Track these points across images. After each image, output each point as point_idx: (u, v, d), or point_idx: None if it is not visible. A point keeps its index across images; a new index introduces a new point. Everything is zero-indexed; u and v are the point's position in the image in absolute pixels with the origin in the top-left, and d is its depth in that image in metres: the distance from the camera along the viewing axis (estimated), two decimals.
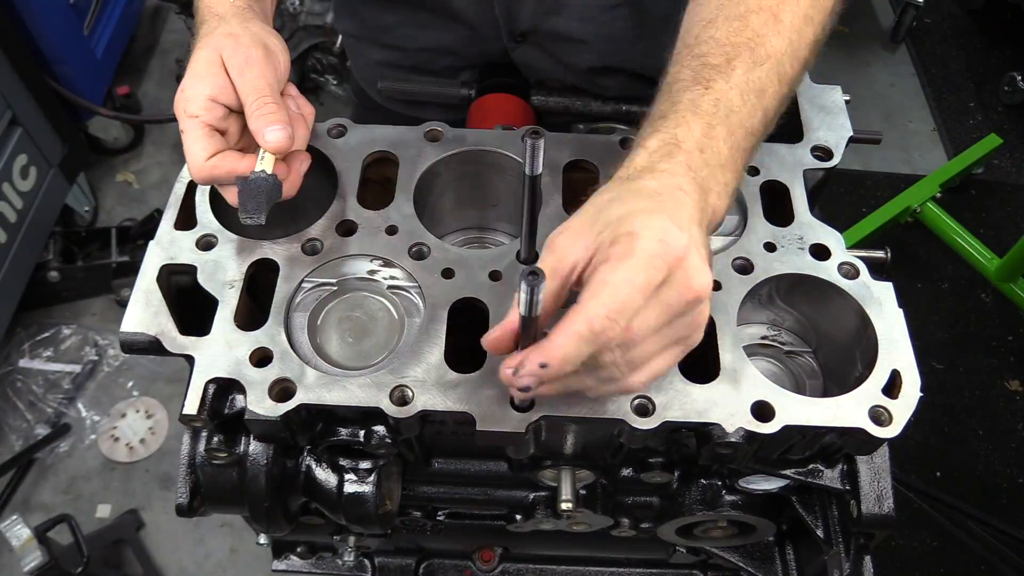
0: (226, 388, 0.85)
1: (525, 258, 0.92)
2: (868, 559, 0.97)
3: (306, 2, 3.18)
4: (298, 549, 1.33)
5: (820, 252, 0.94)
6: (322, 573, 1.35)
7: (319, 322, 0.93)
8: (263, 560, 1.41)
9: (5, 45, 2.42)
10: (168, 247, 0.92)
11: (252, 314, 0.90)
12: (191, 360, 0.85)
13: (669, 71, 0.87)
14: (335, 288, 0.94)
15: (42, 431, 2.61)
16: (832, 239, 0.95)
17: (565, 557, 1.35)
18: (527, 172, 0.79)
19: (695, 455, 0.86)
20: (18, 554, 2.14)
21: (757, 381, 0.84)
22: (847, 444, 0.88)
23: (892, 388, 0.84)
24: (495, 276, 0.91)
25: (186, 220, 0.95)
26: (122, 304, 2.76)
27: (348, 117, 1.07)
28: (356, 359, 0.91)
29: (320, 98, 3.56)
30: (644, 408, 0.82)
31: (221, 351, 0.85)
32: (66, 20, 2.77)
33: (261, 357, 0.85)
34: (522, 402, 0.81)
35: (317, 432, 0.89)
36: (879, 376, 0.84)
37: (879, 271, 0.93)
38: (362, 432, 0.88)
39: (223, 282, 0.90)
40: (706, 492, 1.01)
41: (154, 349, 0.87)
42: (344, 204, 0.97)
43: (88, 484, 2.57)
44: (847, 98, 1.09)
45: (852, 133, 1.05)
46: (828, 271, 0.92)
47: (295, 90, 0.97)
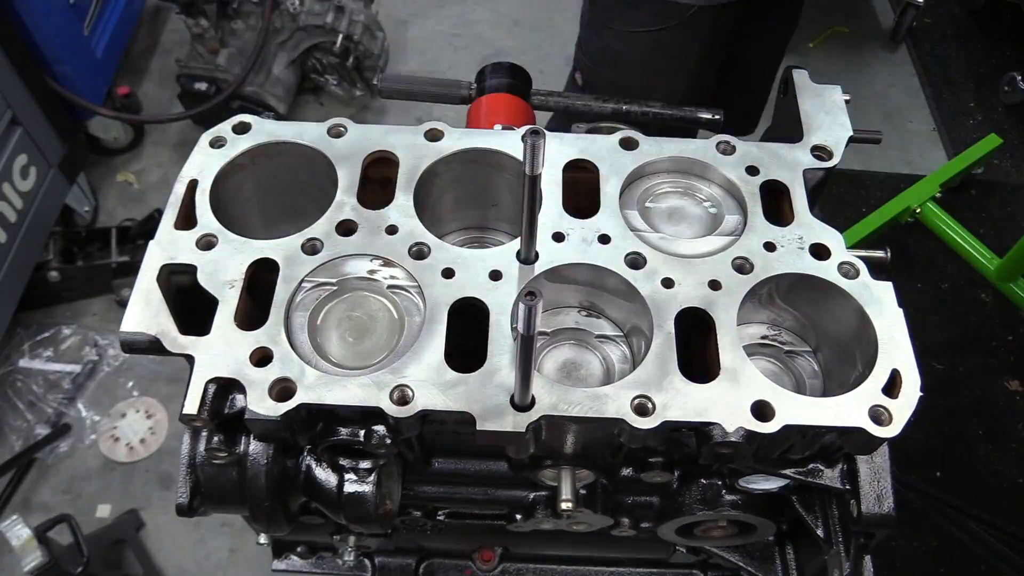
0: (226, 388, 0.85)
1: (525, 258, 0.92)
2: (868, 559, 0.97)
3: (306, 2, 3.18)
4: (298, 549, 1.33)
5: (820, 252, 0.94)
6: (322, 573, 1.35)
7: (319, 322, 0.93)
8: (263, 560, 1.40)
9: (5, 45, 2.42)
10: (168, 247, 0.92)
11: (252, 314, 0.90)
12: (191, 360, 0.85)
13: None
14: (335, 288, 0.94)
15: (42, 431, 2.61)
16: (832, 239, 0.95)
17: (565, 557, 1.35)
18: (527, 172, 0.79)
19: (695, 455, 0.86)
20: (18, 554, 2.13)
21: (757, 381, 0.84)
22: (847, 444, 0.88)
23: (892, 388, 0.84)
24: (495, 276, 0.91)
25: (186, 220, 0.95)
26: (122, 304, 2.76)
27: (348, 117, 1.07)
28: (356, 359, 0.91)
29: (320, 98, 3.57)
30: (644, 408, 0.82)
31: (221, 351, 0.85)
32: (66, 20, 2.77)
33: (261, 357, 0.85)
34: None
35: (317, 432, 0.89)
36: (879, 376, 0.84)
37: (879, 271, 0.93)
38: (362, 432, 0.88)
39: (223, 282, 0.90)
40: (706, 492, 1.01)
41: (154, 349, 0.87)
42: (344, 204, 0.97)
43: (88, 484, 2.57)
44: (847, 98, 1.09)
45: (852, 133, 1.05)
46: (828, 271, 0.92)
47: None
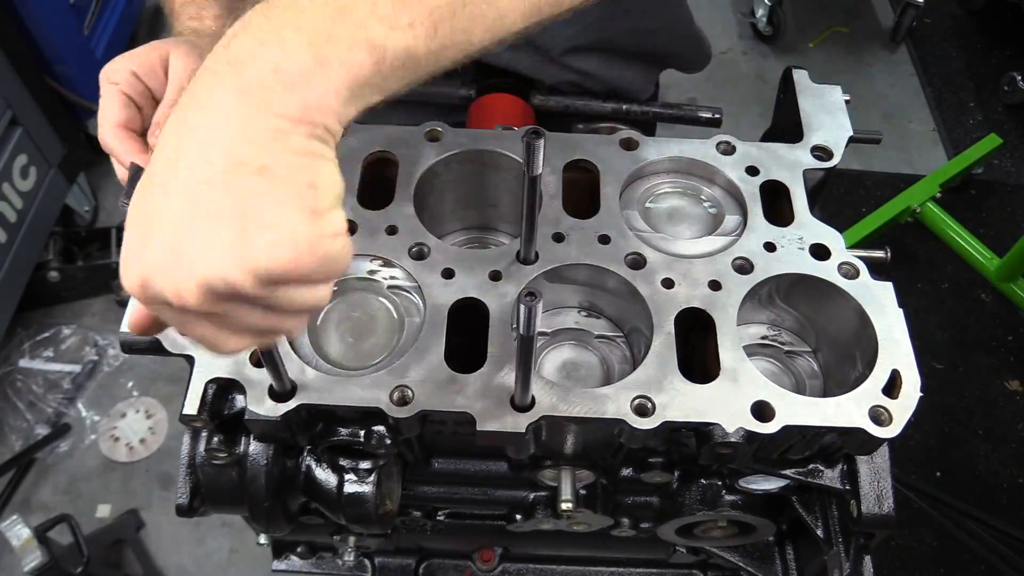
0: (226, 388, 0.86)
1: (525, 258, 0.92)
2: (868, 559, 0.97)
3: None
4: (298, 549, 1.33)
5: (820, 252, 0.94)
6: (322, 573, 1.35)
7: (319, 322, 0.93)
8: (263, 560, 1.40)
9: (5, 45, 2.42)
10: None
11: None
12: (191, 360, 0.85)
13: None
14: (335, 288, 0.94)
15: (42, 431, 2.61)
16: (832, 239, 0.95)
17: (565, 557, 1.35)
18: (527, 172, 0.79)
19: (695, 455, 0.86)
20: (18, 554, 2.13)
21: (757, 381, 0.84)
22: (847, 444, 0.88)
23: (892, 388, 0.84)
24: (495, 276, 0.91)
25: None
26: (122, 304, 2.75)
27: None
28: (356, 359, 0.91)
29: None
30: (644, 408, 0.82)
31: None
32: (66, 20, 2.77)
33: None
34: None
35: (317, 432, 0.89)
36: (879, 376, 0.84)
37: (879, 271, 0.93)
38: (362, 432, 0.88)
39: None
40: (706, 492, 1.01)
41: (154, 349, 0.87)
42: (344, 204, 0.96)
43: (88, 484, 2.57)
44: (847, 98, 1.09)
45: (852, 133, 1.05)
46: (828, 271, 0.92)
47: None
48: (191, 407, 0.83)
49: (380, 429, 0.87)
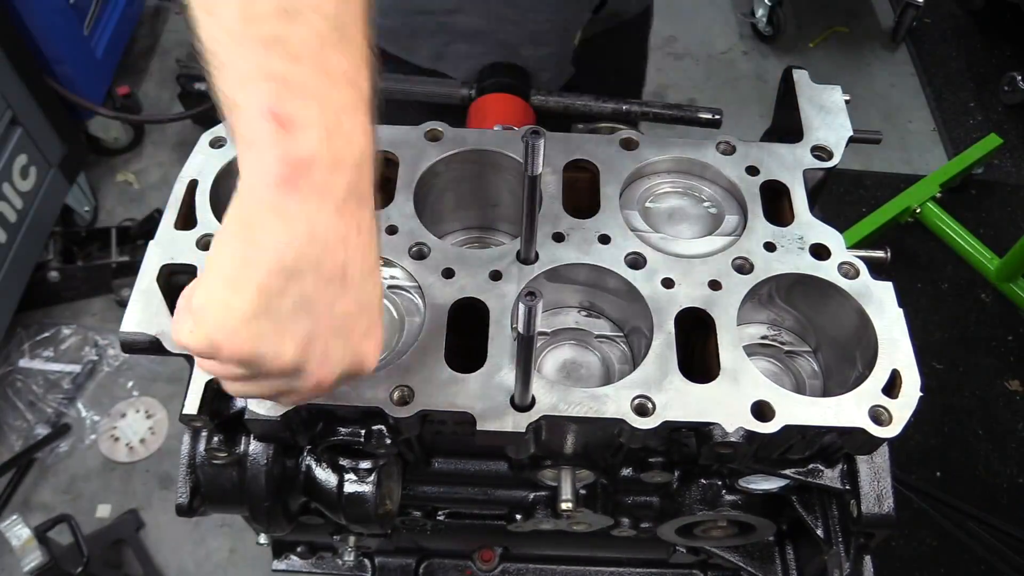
0: None
1: (525, 258, 0.92)
2: (868, 559, 0.97)
3: None
4: (298, 549, 1.33)
5: (820, 252, 0.94)
6: (322, 573, 1.35)
7: None
8: (263, 560, 1.40)
9: (5, 45, 2.42)
10: (168, 247, 0.92)
11: None
12: (191, 360, 0.85)
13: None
14: None
15: (42, 431, 2.61)
16: (832, 239, 0.95)
17: (565, 557, 1.35)
18: (527, 172, 0.79)
19: (695, 455, 0.86)
20: (18, 554, 2.14)
21: (757, 381, 0.84)
22: (847, 444, 0.88)
23: (892, 388, 0.84)
24: (495, 276, 0.91)
25: (186, 220, 0.95)
26: (122, 304, 2.76)
27: None
28: None
29: None
30: (644, 408, 0.82)
31: None
32: (66, 20, 2.77)
33: None
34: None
35: (317, 432, 0.89)
36: (879, 376, 0.84)
37: (879, 271, 0.93)
38: (362, 432, 0.88)
39: None
40: (706, 492, 1.01)
41: (154, 349, 0.87)
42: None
43: (88, 484, 2.57)
44: (847, 98, 1.09)
45: (852, 133, 1.05)
46: (828, 271, 0.92)
47: None
48: (191, 407, 0.83)
49: (380, 429, 0.87)
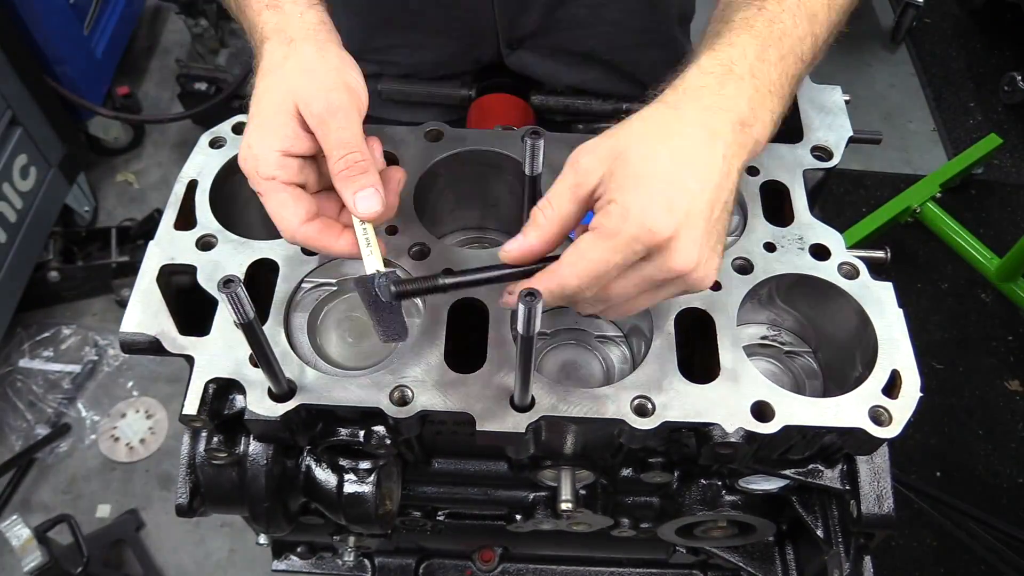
0: (226, 388, 0.85)
1: None
2: (868, 559, 0.97)
3: None
4: (298, 549, 1.33)
5: (820, 252, 0.94)
6: (322, 573, 1.35)
7: (319, 322, 0.93)
8: (263, 560, 1.40)
9: (5, 45, 2.42)
10: (168, 247, 0.92)
11: None
12: (191, 360, 0.85)
13: None
14: (335, 288, 0.94)
15: (42, 431, 2.61)
16: (832, 239, 0.95)
17: (565, 557, 1.35)
18: (527, 172, 0.79)
19: (695, 455, 0.86)
20: (18, 554, 2.14)
21: (757, 381, 0.84)
22: (847, 444, 0.88)
23: (892, 388, 0.84)
24: None
25: (186, 220, 0.95)
26: (122, 304, 2.76)
27: None
28: (356, 359, 0.91)
29: None
30: (644, 408, 0.82)
31: (221, 351, 0.85)
32: (66, 20, 2.77)
33: None
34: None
35: (317, 432, 0.89)
36: (879, 376, 0.84)
37: (879, 271, 0.93)
38: (362, 432, 0.88)
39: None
40: (706, 492, 1.01)
41: (154, 349, 0.87)
42: None
43: (88, 484, 2.57)
44: (847, 98, 1.09)
45: (852, 133, 1.05)
46: (828, 271, 0.92)
47: (378, 145, 0.83)
48: (191, 407, 0.83)
49: (380, 429, 0.87)
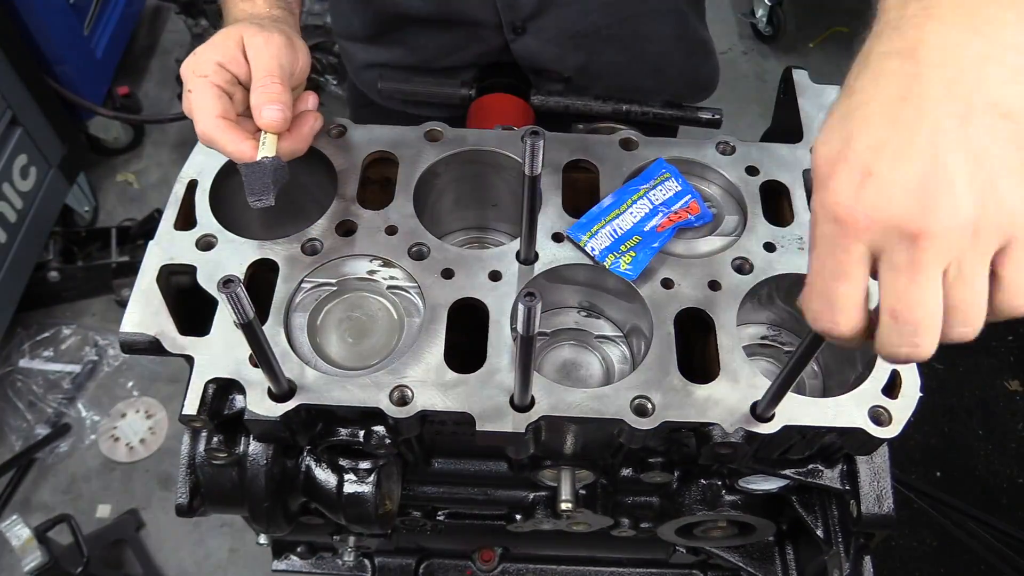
0: (226, 388, 0.85)
1: (525, 258, 0.92)
2: (868, 559, 0.97)
3: (306, 2, 3.19)
4: (298, 549, 1.33)
5: None
6: (322, 573, 1.35)
7: (319, 322, 0.93)
8: (263, 560, 1.40)
9: (5, 45, 2.42)
10: (168, 247, 0.92)
11: None
12: (191, 360, 0.85)
13: None
14: (335, 288, 0.94)
15: (42, 431, 2.61)
16: None
17: (565, 557, 1.35)
18: (527, 172, 0.79)
19: (695, 455, 0.86)
20: (18, 554, 2.13)
21: (757, 381, 0.84)
22: (847, 444, 0.88)
23: (892, 388, 0.84)
24: (495, 276, 0.91)
25: (186, 220, 0.95)
26: (122, 304, 2.76)
27: (348, 117, 1.07)
28: (356, 359, 0.91)
29: (320, 98, 3.57)
30: (644, 408, 0.82)
31: (221, 351, 0.85)
32: (66, 20, 2.77)
33: None
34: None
35: (317, 432, 0.89)
36: (879, 376, 0.84)
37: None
38: (362, 432, 0.88)
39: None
40: (706, 492, 1.01)
41: (154, 349, 0.87)
42: (344, 204, 0.97)
43: (88, 484, 2.57)
44: None
45: None
46: None
47: (313, 99, 0.97)
48: (191, 407, 0.83)
49: (380, 429, 0.87)
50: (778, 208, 1.00)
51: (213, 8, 3.08)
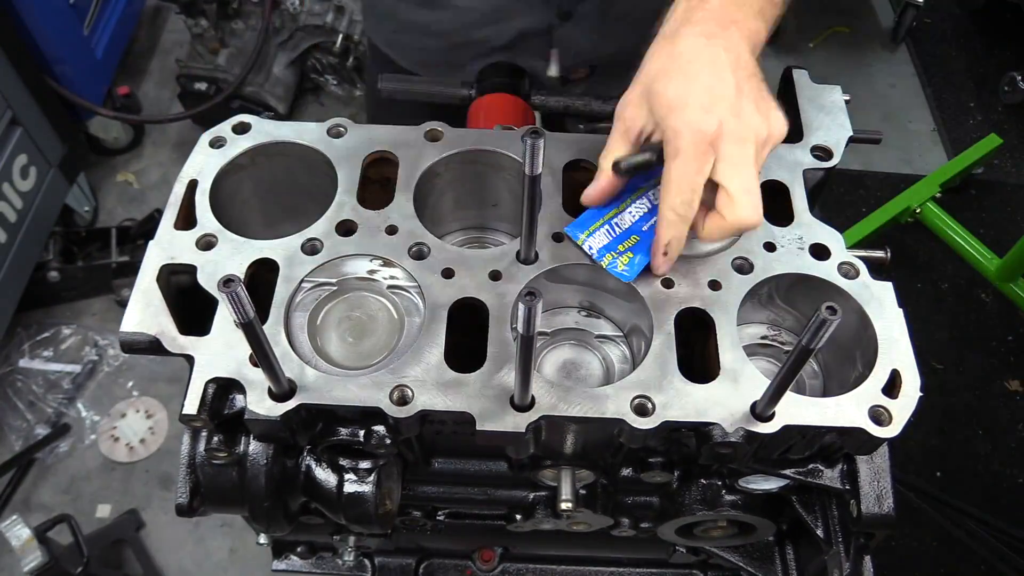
0: (226, 388, 0.85)
1: (525, 258, 0.92)
2: (868, 559, 0.97)
3: (306, 2, 3.19)
4: (298, 549, 1.33)
5: (820, 252, 0.94)
6: (322, 573, 1.35)
7: (319, 322, 0.93)
8: (263, 560, 1.40)
9: (5, 45, 2.42)
10: (168, 247, 0.92)
11: None
12: (191, 360, 0.85)
13: None
14: (335, 288, 0.94)
15: (42, 431, 2.61)
16: (832, 239, 0.95)
17: (565, 557, 1.35)
18: (527, 172, 0.79)
19: (695, 455, 0.86)
20: (18, 554, 2.13)
21: (757, 381, 0.84)
22: (847, 444, 0.88)
23: (892, 388, 0.84)
24: (495, 276, 0.91)
25: (186, 220, 0.95)
26: (122, 304, 2.76)
27: (347, 117, 1.07)
28: (356, 359, 0.91)
29: (320, 98, 3.57)
30: (644, 408, 0.82)
31: (221, 351, 0.85)
32: (66, 20, 2.77)
33: None
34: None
35: (317, 432, 0.89)
36: (879, 376, 0.84)
37: (879, 271, 0.93)
38: (362, 432, 0.88)
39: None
40: (706, 492, 1.01)
41: (154, 349, 0.87)
42: (344, 204, 0.97)
43: (88, 484, 2.57)
44: (847, 98, 1.09)
45: (852, 133, 1.05)
46: (828, 271, 0.92)
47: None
48: (191, 407, 0.83)
49: (380, 429, 0.87)
50: (778, 208, 1.00)
51: (213, 8, 3.08)
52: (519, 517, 1.10)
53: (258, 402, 0.81)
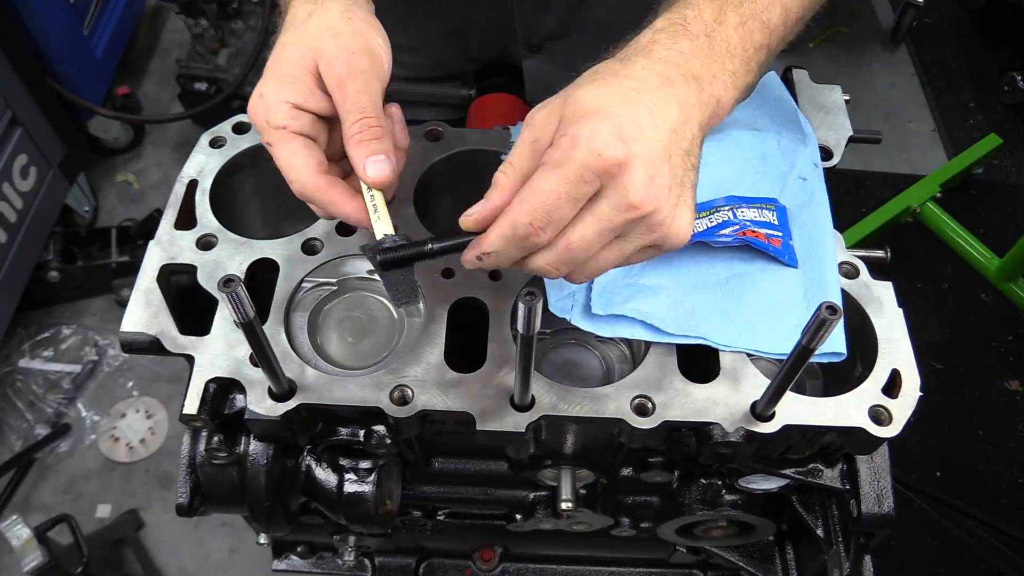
0: (226, 388, 0.86)
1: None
2: (868, 559, 0.97)
3: None
4: (298, 549, 1.33)
5: None
6: (322, 573, 1.35)
7: (319, 322, 0.93)
8: (263, 560, 1.40)
9: (5, 45, 2.42)
10: (168, 247, 0.92)
11: None
12: (191, 360, 0.85)
13: None
14: (335, 288, 0.94)
15: (42, 431, 2.61)
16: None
17: (565, 557, 1.35)
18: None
19: (695, 455, 0.86)
20: (18, 554, 2.13)
21: (757, 381, 0.84)
22: (847, 444, 0.88)
23: (892, 388, 0.84)
24: (495, 276, 0.91)
25: (186, 220, 0.95)
26: (122, 304, 2.76)
27: None
28: (356, 359, 0.91)
29: None
30: (644, 408, 0.82)
31: (221, 351, 0.85)
32: (66, 20, 2.77)
33: None
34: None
35: (317, 432, 0.89)
36: (879, 376, 0.84)
37: (879, 271, 0.93)
38: (362, 432, 0.88)
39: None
40: (706, 492, 1.01)
41: (154, 349, 0.87)
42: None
43: (88, 484, 2.57)
44: (847, 98, 1.09)
45: (852, 133, 1.05)
46: None
47: (397, 111, 0.83)
48: (191, 407, 0.83)
49: (380, 429, 0.87)
50: None
51: (213, 8, 3.07)
52: (519, 517, 1.10)
53: (258, 402, 0.82)
